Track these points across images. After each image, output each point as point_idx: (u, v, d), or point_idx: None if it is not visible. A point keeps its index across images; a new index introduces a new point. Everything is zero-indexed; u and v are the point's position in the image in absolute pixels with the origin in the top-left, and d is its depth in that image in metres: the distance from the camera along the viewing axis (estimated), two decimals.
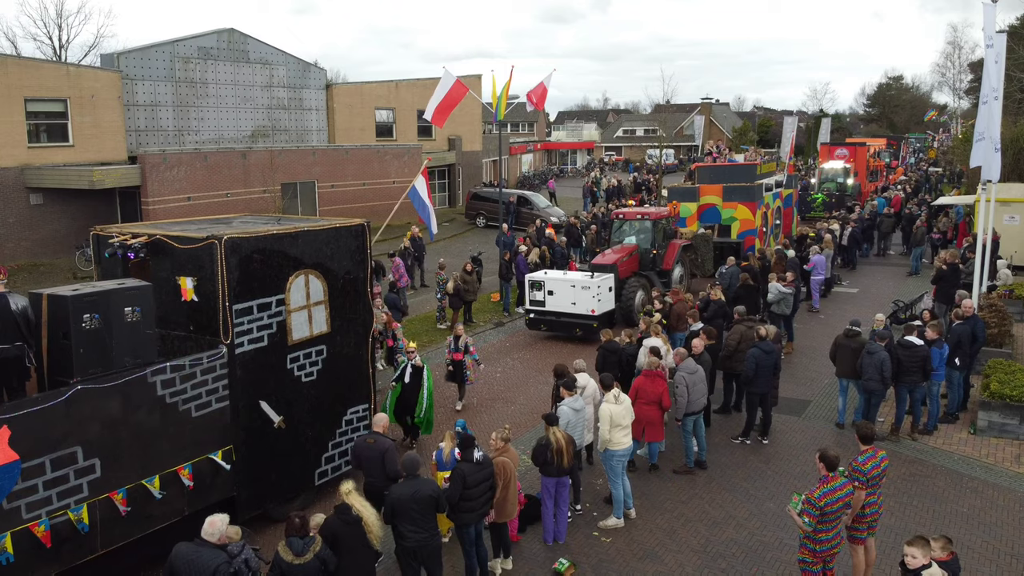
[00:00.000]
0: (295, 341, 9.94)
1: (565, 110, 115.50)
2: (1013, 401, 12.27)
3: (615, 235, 21.79)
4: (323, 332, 10.33)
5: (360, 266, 10.87)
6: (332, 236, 10.43)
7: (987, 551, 9.44)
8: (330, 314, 10.40)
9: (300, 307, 9.98)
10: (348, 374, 10.82)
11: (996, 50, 15.33)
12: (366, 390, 11.17)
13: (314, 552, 7.05)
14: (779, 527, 9.98)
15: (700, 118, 61.97)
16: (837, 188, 36.93)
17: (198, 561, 6.72)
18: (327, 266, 10.34)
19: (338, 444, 10.78)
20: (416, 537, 7.91)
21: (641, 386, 10.68)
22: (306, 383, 10.17)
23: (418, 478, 8.06)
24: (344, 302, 10.63)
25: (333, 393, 10.60)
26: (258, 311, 9.45)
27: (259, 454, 9.63)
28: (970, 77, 58.77)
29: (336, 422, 10.73)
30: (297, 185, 30.79)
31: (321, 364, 10.35)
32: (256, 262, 9.38)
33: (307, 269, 10.03)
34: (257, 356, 9.47)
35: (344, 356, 10.71)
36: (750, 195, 24.27)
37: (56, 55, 51.07)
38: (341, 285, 10.58)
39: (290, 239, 9.86)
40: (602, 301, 18.01)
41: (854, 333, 12.83)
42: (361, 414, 11.11)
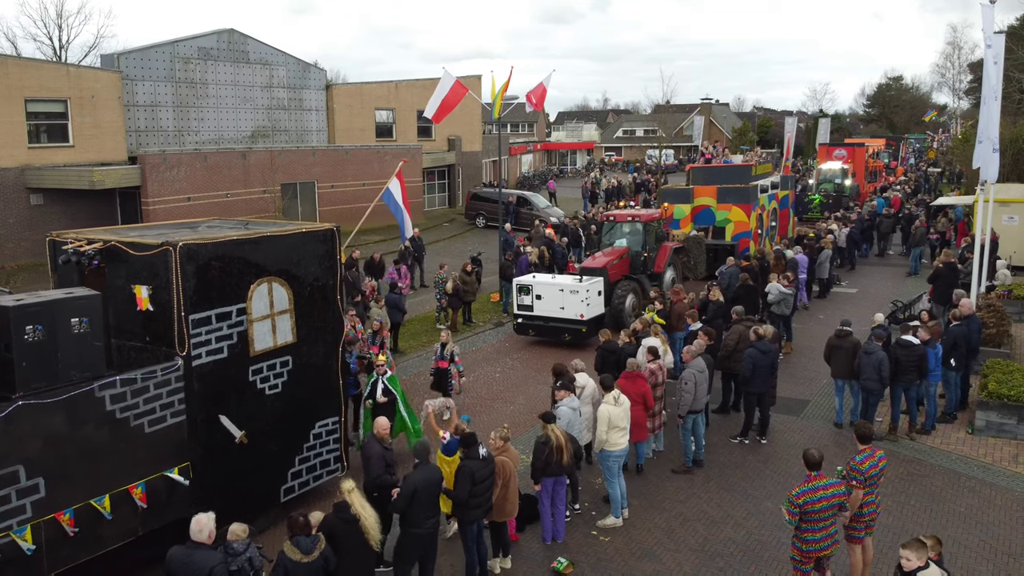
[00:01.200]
0: (258, 352, 9.48)
1: (565, 110, 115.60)
2: (1011, 401, 12.30)
3: (605, 237, 21.37)
4: (288, 342, 9.87)
5: (329, 272, 10.42)
6: (298, 242, 10.00)
7: (984, 550, 9.47)
8: (296, 323, 9.94)
9: (263, 316, 9.52)
10: (316, 386, 10.36)
11: (995, 51, 15.37)
12: (336, 402, 10.71)
13: (319, 550, 7.10)
14: (777, 526, 10.00)
15: (700, 118, 61.96)
16: (835, 189, 36.68)
17: (192, 564, 6.70)
18: (292, 273, 9.89)
19: (306, 459, 10.31)
20: (430, 523, 8.14)
21: (622, 387, 10.59)
22: (270, 396, 9.71)
23: (429, 464, 8.31)
24: (312, 310, 10.17)
25: (300, 406, 10.14)
26: (217, 321, 9.01)
27: (219, 471, 9.19)
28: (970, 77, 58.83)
29: (303, 436, 10.27)
30: (297, 185, 30.84)
31: (286, 376, 9.89)
32: (214, 270, 8.95)
33: (270, 276, 9.60)
34: (216, 368, 9.05)
35: (312, 367, 10.25)
36: (745, 196, 24.07)
37: (56, 55, 51.11)
38: (308, 293, 10.12)
39: (251, 245, 9.42)
40: (591, 306, 17.63)
41: (845, 333, 12.87)
42: (331, 427, 10.64)
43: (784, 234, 27.06)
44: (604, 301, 18.36)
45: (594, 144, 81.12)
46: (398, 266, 19.52)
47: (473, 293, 20.15)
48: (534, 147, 64.08)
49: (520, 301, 18.15)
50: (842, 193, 36.29)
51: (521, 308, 18.16)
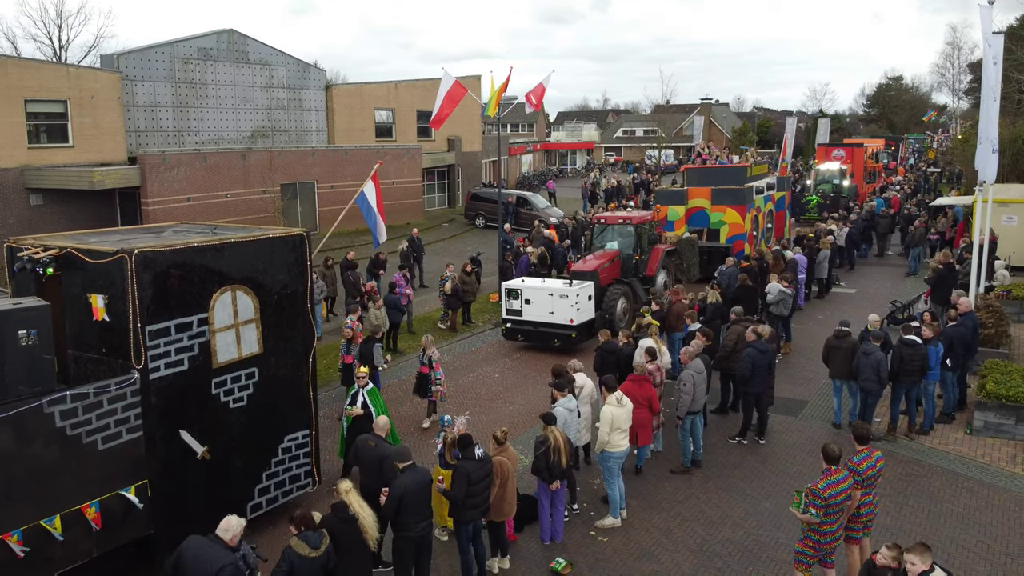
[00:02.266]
0: (221, 364, 9.11)
1: (565, 110, 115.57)
2: (1009, 401, 12.31)
3: (597, 240, 20.92)
4: (254, 353, 9.50)
5: (299, 280, 10.07)
6: (265, 248, 9.62)
7: (982, 551, 9.49)
8: (262, 333, 9.56)
9: (226, 326, 9.15)
10: (285, 398, 10.00)
11: (994, 51, 15.39)
12: (307, 415, 10.37)
13: (325, 545, 7.17)
14: (775, 527, 10.02)
15: (700, 118, 62.10)
16: (833, 190, 36.35)
17: (206, 556, 6.78)
18: (259, 281, 9.51)
19: (274, 475, 9.95)
20: (421, 526, 8.12)
21: (628, 391, 10.63)
22: (235, 409, 9.36)
23: (415, 466, 8.23)
24: (279, 320, 9.80)
25: (267, 419, 9.79)
26: (176, 332, 8.62)
27: (179, 488, 8.82)
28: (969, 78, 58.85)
29: (271, 451, 9.91)
30: (297, 186, 30.85)
31: (252, 388, 9.52)
32: (173, 278, 8.57)
33: (235, 284, 9.22)
34: (176, 381, 8.68)
35: (280, 379, 9.89)
36: (739, 198, 23.77)
37: (56, 56, 51.13)
38: (276, 301, 9.74)
39: (214, 252, 9.04)
40: (581, 310, 17.28)
41: (844, 334, 12.88)
42: (301, 441, 10.29)
43: (780, 236, 26.83)
44: (595, 305, 17.99)
45: (594, 144, 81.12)
46: (403, 271, 19.29)
47: (473, 293, 20.16)
48: (534, 147, 64.09)
49: (509, 306, 17.79)
50: (840, 194, 36.02)
51: (510, 313, 17.82)
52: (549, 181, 50.75)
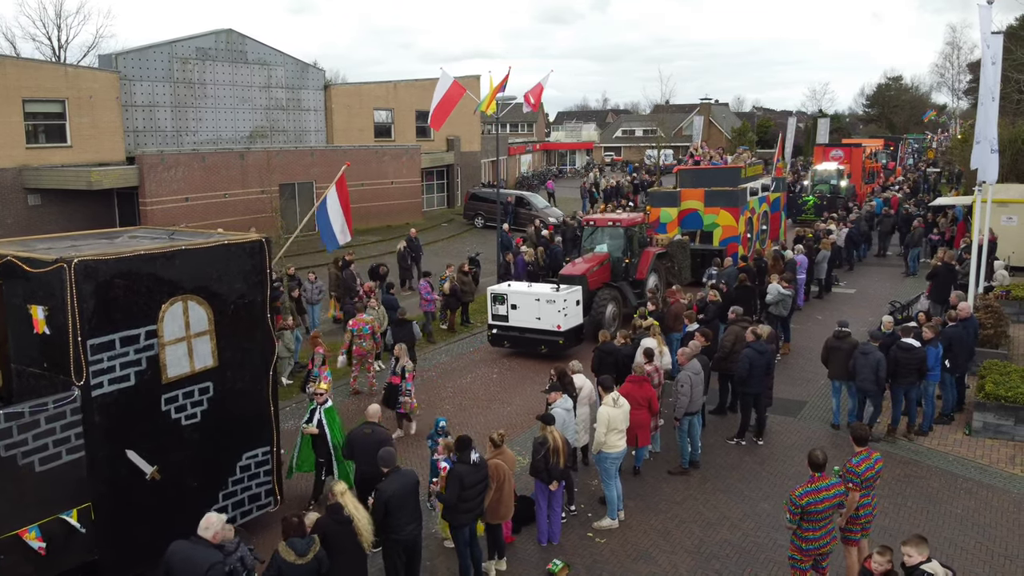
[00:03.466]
0: (171, 379, 8.62)
1: (564, 110, 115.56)
2: (1008, 402, 12.28)
3: (586, 243, 20.44)
4: (208, 367, 9.00)
5: (257, 288, 9.55)
6: (220, 255, 9.13)
7: (981, 552, 9.46)
8: (217, 345, 9.07)
9: (177, 339, 8.65)
10: (243, 414, 9.50)
11: (993, 51, 15.36)
12: (267, 431, 9.87)
13: (314, 552, 7.10)
14: (773, 528, 9.99)
15: (699, 118, 62.04)
16: (830, 190, 35.90)
17: (193, 559, 6.74)
18: (213, 290, 9.01)
19: (231, 494, 9.45)
20: (410, 528, 8.09)
21: (628, 392, 10.60)
22: (187, 426, 8.87)
23: (399, 469, 8.20)
24: (236, 331, 9.29)
25: (224, 436, 9.28)
26: (122, 345, 8.12)
27: (126, 511, 8.32)
28: (969, 77, 58.79)
29: (228, 469, 9.42)
30: (295, 185, 30.81)
31: (207, 404, 9.03)
32: (118, 288, 8.06)
33: (186, 294, 8.72)
34: (121, 398, 8.18)
35: (237, 393, 9.39)
36: (733, 200, 23.31)
37: (55, 55, 51.10)
38: (232, 311, 9.23)
39: (163, 260, 8.53)
40: (569, 316, 16.75)
41: (844, 334, 12.84)
42: (261, 458, 9.79)
43: (775, 237, 26.49)
44: (584, 310, 17.54)
45: (593, 144, 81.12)
46: (430, 279, 18.86)
47: (471, 293, 20.13)
48: (533, 147, 64.07)
49: (495, 311, 17.26)
50: (837, 194, 35.60)
51: (496, 318, 17.29)
52: (548, 181, 50.71)
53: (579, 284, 17.75)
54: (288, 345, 15.41)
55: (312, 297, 18.48)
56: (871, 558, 6.86)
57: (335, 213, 13.82)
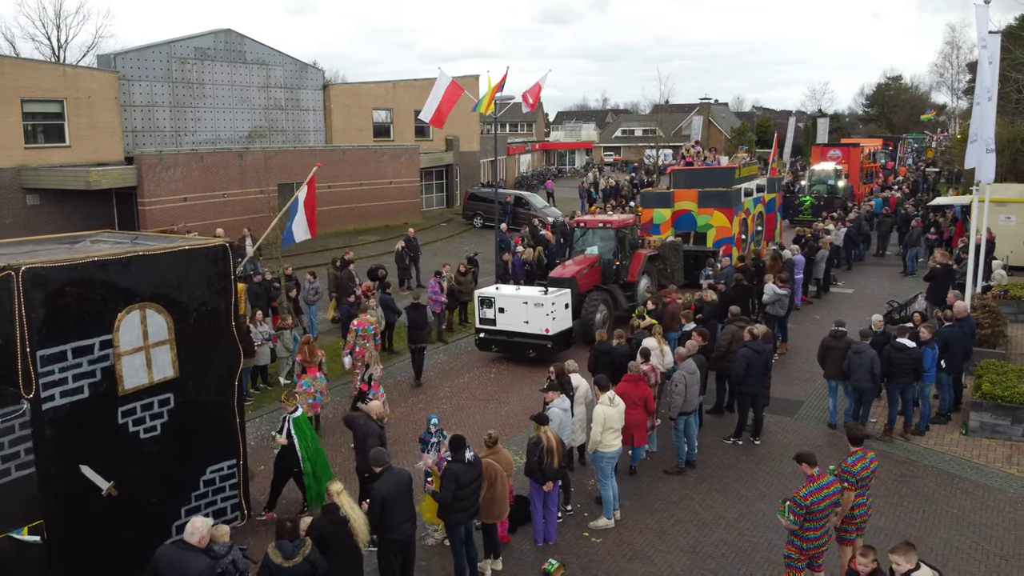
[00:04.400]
0: (128, 390, 8.29)
1: (564, 110, 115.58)
2: (1005, 402, 12.28)
3: (577, 245, 20.16)
4: (168, 377, 8.68)
5: (221, 295, 9.22)
6: (180, 261, 8.81)
7: (977, 552, 9.45)
8: (178, 355, 8.74)
9: (134, 349, 8.32)
10: (206, 426, 9.19)
11: (990, 51, 15.36)
12: (233, 443, 9.55)
13: (303, 555, 7.04)
14: (769, 528, 9.98)
15: (699, 118, 61.90)
16: (827, 191, 35.65)
17: (182, 565, 6.71)
18: (173, 297, 8.69)
19: (195, 509, 9.15)
20: (405, 527, 8.14)
21: (624, 392, 10.61)
22: (146, 440, 8.54)
23: (392, 468, 8.22)
24: (199, 340, 8.98)
25: (186, 450, 8.98)
26: (74, 356, 7.77)
27: (81, 528, 8.00)
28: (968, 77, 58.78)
29: (191, 484, 9.13)
30: (294, 185, 30.69)
31: (167, 416, 8.71)
32: (70, 296, 7.70)
33: (144, 302, 8.40)
34: (75, 411, 7.84)
35: (200, 405, 9.09)
36: (727, 201, 23.00)
37: (55, 55, 51.11)
38: (194, 319, 8.92)
39: (119, 267, 8.19)
40: (557, 320, 16.40)
41: (840, 334, 12.83)
42: (226, 472, 9.46)
43: (771, 239, 26.17)
44: (573, 313, 17.21)
45: (593, 144, 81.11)
46: (439, 279, 18.72)
47: (469, 293, 20.10)
48: (532, 147, 64.06)
49: (482, 314, 16.91)
50: (835, 195, 35.33)
51: (483, 322, 16.96)
52: (548, 181, 50.71)
53: (568, 287, 17.45)
54: (287, 345, 15.42)
55: (309, 297, 18.47)
56: (855, 559, 6.85)
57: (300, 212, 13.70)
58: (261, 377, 15.48)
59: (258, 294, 17.06)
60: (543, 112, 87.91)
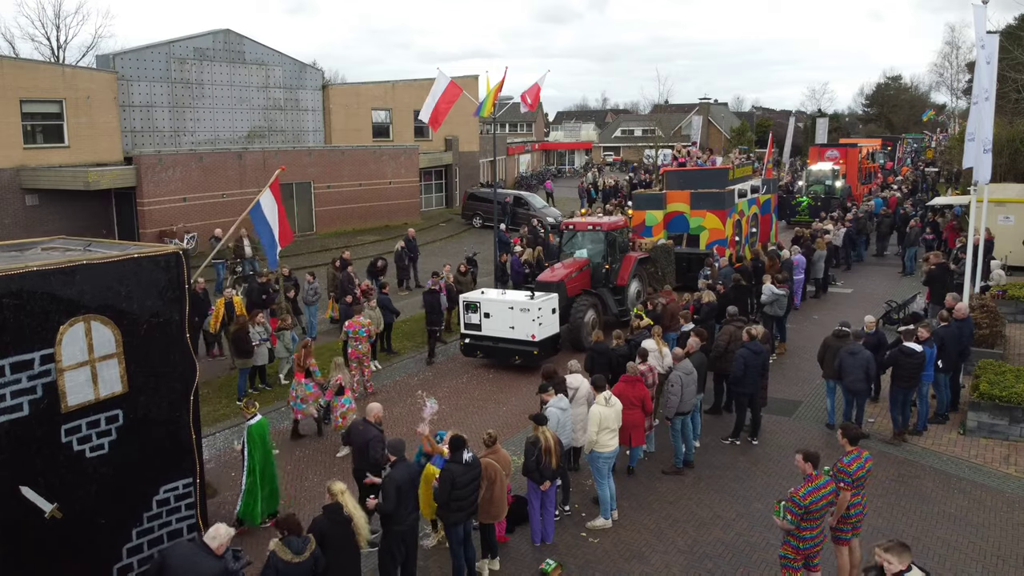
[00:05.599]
0: (72, 407, 7.79)
1: (563, 110, 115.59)
2: (1002, 402, 12.29)
3: (566, 247, 19.69)
4: (116, 393, 8.17)
5: (174, 306, 8.70)
6: (129, 270, 8.27)
7: (974, 552, 9.46)
8: (127, 370, 8.25)
9: (79, 363, 7.82)
10: (159, 444, 8.68)
11: (988, 51, 15.35)
12: (189, 461, 9.01)
13: (310, 551, 7.13)
14: (766, 528, 9.99)
15: (698, 118, 61.92)
16: (825, 191, 35.28)
17: (196, 563, 6.78)
18: (121, 308, 8.16)
19: (147, 531, 8.58)
20: (410, 519, 8.28)
21: (622, 392, 10.61)
22: (93, 459, 8.04)
23: (406, 460, 8.41)
24: (150, 353, 8.48)
25: (137, 469, 8.46)
26: (12, 372, 7.35)
27: (22, 553, 7.58)
28: (968, 77, 58.76)
29: (144, 504, 8.58)
30: (293, 186, 30.81)
31: (116, 434, 8.19)
32: (7, 309, 7.29)
33: (89, 314, 7.88)
34: (13, 430, 7.42)
35: (152, 422, 8.58)
36: (719, 202, 22.62)
37: (54, 56, 51.12)
38: (144, 331, 8.40)
39: (61, 277, 7.65)
40: (543, 325, 15.95)
41: (844, 334, 12.82)
42: (181, 491, 8.90)
43: (766, 241, 25.80)
44: (561, 318, 16.81)
45: (592, 144, 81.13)
46: (438, 279, 18.28)
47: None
48: (532, 147, 64.06)
49: (467, 320, 16.51)
50: (832, 195, 35.00)
51: (468, 327, 16.55)
52: (547, 181, 50.73)
53: (556, 291, 17.06)
54: (287, 345, 15.44)
55: (308, 297, 18.48)
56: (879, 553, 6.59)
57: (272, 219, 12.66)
58: (260, 377, 15.49)
59: (257, 294, 17.17)
60: (542, 112, 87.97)
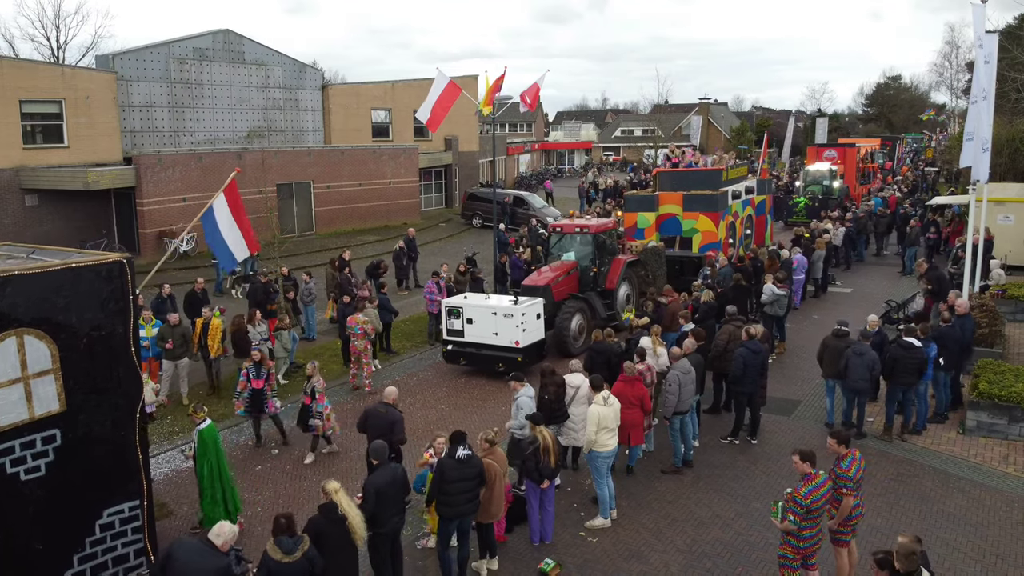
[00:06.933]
0: (5, 427, 7.51)
1: (563, 110, 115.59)
2: (1002, 401, 12.28)
3: (554, 250, 19.26)
4: (54, 412, 7.77)
5: (117, 318, 8.22)
6: (67, 280, 7.79)
7: (973, 551, 9.45)
8: (65, 387, 7.81)
9: (10, 381, 7.49)
10: (102, 465, 8.21)
11: (986, 51, 15.34)
12: (135, 483, 8.56)
13: (303, 551, 7.10)
14: (765, 527, 9.98)
15: (698, 118, 61.90)
16: (822, 191, 34.86)
17: (199, 558, 6.80)
18: (57, 321, 7.73)
19: (90, 556, 8.21)
20: (395, 521, 8.31)
21: (620, 391, 10.60)
22: (29, 482, 7.67)
23: (389, 464, 8.43)
24: (90, 369, 8.04)
25: (77, 492, 8.03)
26: None
27: None
28: (968, 77, 58.68)
29: (85, 528, 8.18)
30: (293, 186, 30.84)
31: (53, 455, 7.79)
32: None
33: (22, 328, 7.50)
34: None
35: (93, 441, 8.13)
36: (712, 204, 22.15)
37: (54, 56, 51.14)
38: (84, 346, 7.97)
39: None
40: (528, 331, 15.41)
41: (843, 334, 12.81)
42: (127, 514, 8.46)
43: (761, 243, 25.38)
44: (547, 324, 16.35)
45: (592, 144, 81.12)
46: (438, 279, 18.43)
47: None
48: (532, 147, 64.06)
49: (450, 325, 15.98)
50: (830, 195, 34.59)
51: (451, 333, 16.01)
52: (547, 181, 50.72)
53: (542, 295, 16.65)
54: (285, 345, 15.44)
55: (304, 298, 18.50)
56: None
57: (227, 226, 12.15)
58: None
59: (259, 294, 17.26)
60: (542, 112, 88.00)
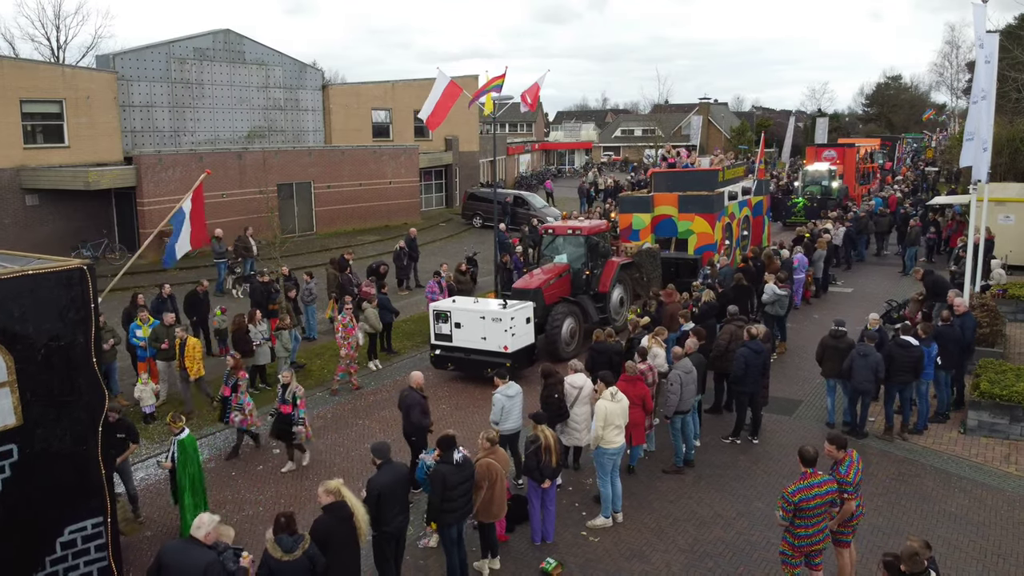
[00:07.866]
0: None
1: (564, 110, 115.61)
2: (1003, 401, 12.28)
3: (546, 252, 18.92)
4: (9, 426, 7.43)
5: (78, 327, 7.82)
6: (22, 288, 7.41)
7: (974, 551, 9.46)
8: (21, 400, 7.46)
9: None
10: (62, 481, 7.85)
11: (987, 50, 15.35)
12: (98, 500, 8.16)
13: (303, 550, 7.09)
14: (767, 526, 9.99)
15: (698, 118, 61.91)
16: (821, 192, 34.77)
17: (188, 559, 6.76)
18: (13, 331, 7.37)
19: (52, 575, 7.89)
20: (398, 520, 8.28)
21: (622, 391, 10.48)
22: None
23: (392, 462, 8.40)
24: (49, 381, 7.66)
25: (35, 509, 7.67)
26: None
27: None
28: (968, 76, 58.78)
29: (45, 547, 7.81)
30: (293, 186, 30.84)
31: (9, 471, 7.45)
32: None
33: None
34: None
35: (53, 456, 7.75)
36: (708, 205, 21.71)
37: (54, 56, 51.13)
38: (42, 356, 7.60)
39: None
40: (517, 336, 15.11)
41: (840, 333, 12.82)
42: (90, 532, 8.08)
43: (758, 244, 25.01)
44: (537, 328, 16.08)
45: (592, 144, 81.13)
46: (438, 279, 18.48)
47: (468, 293, 20.10)
48: (532, 147, 64.07)
49: (438, 330, 15.66)
50: (829, 196, 34.50)
51: (439, 337, 15.70)
52: (547, 181, 50.72)
53: (532, 299, 16.37)
54: (285, 345, 15.44)
55: (304, 297, 18.50)
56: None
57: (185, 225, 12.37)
58: (260, 377, 15.49)
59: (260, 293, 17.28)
60: (542, 112, 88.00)
